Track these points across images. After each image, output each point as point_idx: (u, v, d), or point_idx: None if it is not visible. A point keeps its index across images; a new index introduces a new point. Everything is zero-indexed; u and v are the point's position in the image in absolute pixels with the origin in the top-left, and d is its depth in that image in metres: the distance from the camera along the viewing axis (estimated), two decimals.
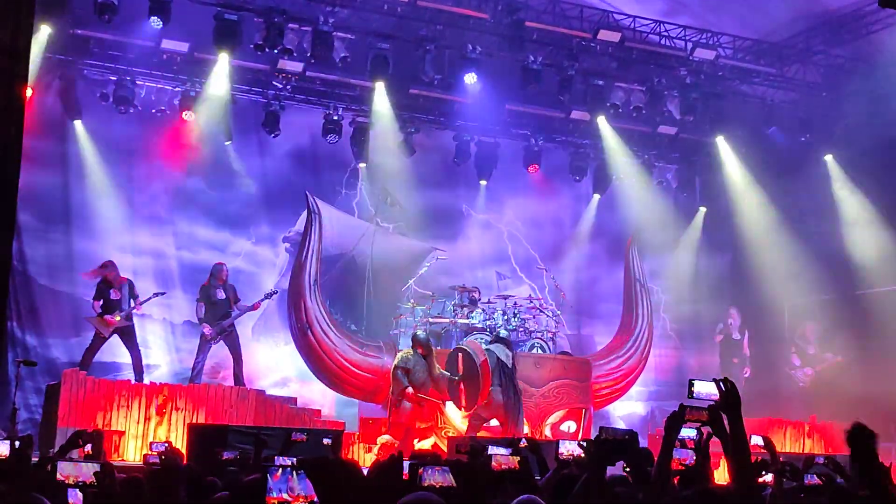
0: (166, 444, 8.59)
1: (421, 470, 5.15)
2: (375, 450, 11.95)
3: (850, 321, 15.91)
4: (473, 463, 6.43)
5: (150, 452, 8.65)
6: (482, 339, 13.49)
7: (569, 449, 6.72)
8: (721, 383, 4.26)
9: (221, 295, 13.86)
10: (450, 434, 12.82)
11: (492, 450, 6.92)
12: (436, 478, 5.15)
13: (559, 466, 6.54)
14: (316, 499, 3.77)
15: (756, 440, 8.80)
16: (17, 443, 7.43)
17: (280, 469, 3.84)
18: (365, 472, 6.81)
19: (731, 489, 4.30)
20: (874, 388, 14.53)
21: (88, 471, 5.37)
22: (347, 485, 3.71)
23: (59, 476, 5.27)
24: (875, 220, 16.18)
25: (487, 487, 5.58)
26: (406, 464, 5.44)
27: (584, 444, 6.11)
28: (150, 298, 13.84)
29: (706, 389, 4.65)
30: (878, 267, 15.92)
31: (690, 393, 4.88)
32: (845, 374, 15.53)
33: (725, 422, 4.24)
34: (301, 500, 3.79)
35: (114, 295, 13.45)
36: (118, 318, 13.36)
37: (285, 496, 3.77)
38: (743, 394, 4.34)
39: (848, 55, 16.22)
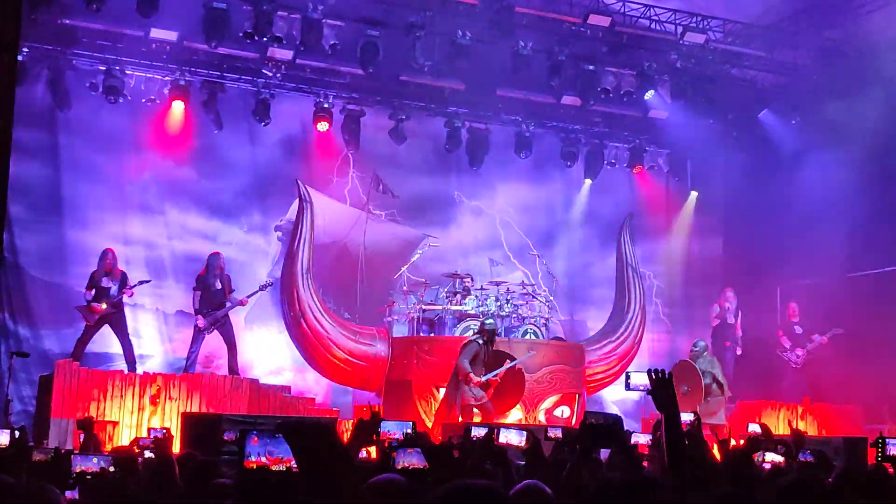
0: (164, 431, 8.57)
1: (394, 452, 5.19)
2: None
3: (842, 303, 15.92)
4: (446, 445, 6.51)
5: (143, 437, 8.64)
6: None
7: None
8: (652, 373, 4.36)
9: (217, 285, 13.91)
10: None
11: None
12: (409, 460, 5.19)
13: (555, 448, 6.59)
14: (293, 462, 3.78)
15: (753, 427, 8.89)
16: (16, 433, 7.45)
17: (258, 434, 3.87)
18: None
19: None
20: (866, 370, 14.58)
21: (98, 464, 5.43)
22: (324, 447, 3.69)
23: (74, 469, 5.34)
24: (866, 202, 16.19)
25: (465, 466, 5.61)
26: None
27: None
28: (135, 286, 13.85)
29: (641, 381, 4.80)
30: (869, 249, 15.93)
31: (627, 385, 5.06)
32: (837, 355, 15.55)
33: None
34: (279, 462, 3.81)
35: (105, 283, 13.49)
36: (104, 306, 13.39)
37: (263, 459, 3.80)
38: (736, 376, 4.41)
39: (838, 38, 16.20)
